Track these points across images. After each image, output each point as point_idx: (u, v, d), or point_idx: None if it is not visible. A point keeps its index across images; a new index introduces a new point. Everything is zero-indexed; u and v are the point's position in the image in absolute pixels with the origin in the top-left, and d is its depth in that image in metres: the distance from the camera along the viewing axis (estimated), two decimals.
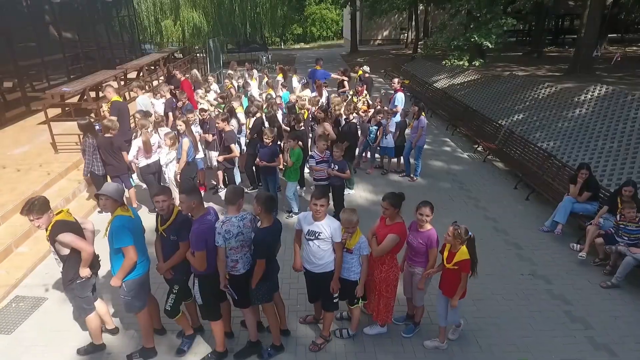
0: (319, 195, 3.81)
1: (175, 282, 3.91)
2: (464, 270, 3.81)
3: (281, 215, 7.00)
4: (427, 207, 3.95)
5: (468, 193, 8.02)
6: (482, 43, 11.38)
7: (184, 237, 3.70)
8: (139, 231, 3.78)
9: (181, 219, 3.76)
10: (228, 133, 6.38)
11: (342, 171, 6.25)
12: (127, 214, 3.65)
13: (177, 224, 3.73)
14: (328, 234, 3.79)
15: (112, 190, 3.60)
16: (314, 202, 3.80)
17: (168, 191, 3.74)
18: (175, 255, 3.77)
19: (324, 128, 7.25)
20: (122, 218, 3.58)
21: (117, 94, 7.51)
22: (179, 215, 3.77)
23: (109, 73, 11.83)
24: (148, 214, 6.98)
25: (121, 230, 3.51)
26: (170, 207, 3.74)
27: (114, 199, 3.59)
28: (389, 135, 8.37)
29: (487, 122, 10.98)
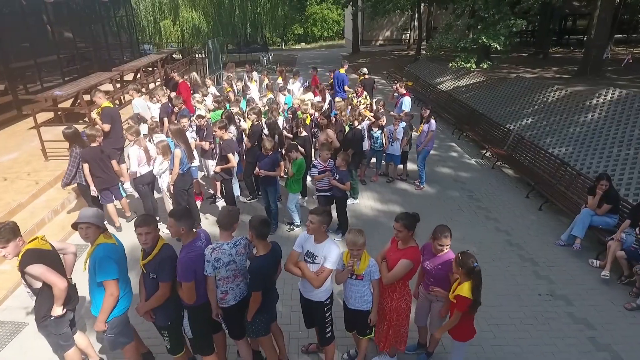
0: (314, 211, 3.46)
1: (160, 327, 3.46)
2: (459, 309, 3.36)
3: (282, 228, 6.63)
4: (447, 237, 3.56)
5: (478, 203, 7.64)
6: (490, 45, 11.00)
7: (164, 277, 3.17)
8: (123, 260, 3.40)
9: (163, 256, 3.19)
10: (225, 142, 6.01)
11: (342, 182, 5.87)
12: (111, 242, 3.27)
13: (157, 261, 3.17)
14: (321, 258, 3.43)
15: (91, 215, 3.22)
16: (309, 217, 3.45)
17: (151, 221, 3.23)
18: (153, 297, 3.25)
19: (327, 135, 6.87)
20: (105, 247, 3.20)
21: (107, 99, 7.10)
22: (162, 250, 3.22)
23: (104, 75, 11.47)
24: None
25: (105, 262, 3.13)
26: (154, 239, 3.23)
27: (96, 225, 3.21)
28: (396, 142, 7.98)
29: (494, 127, 10.60)
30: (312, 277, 3.42)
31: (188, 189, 5.95)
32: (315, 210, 3.45)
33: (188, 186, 5.89)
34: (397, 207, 7.44)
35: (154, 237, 3.20)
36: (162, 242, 3.29)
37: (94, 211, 3.28)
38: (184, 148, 5.63)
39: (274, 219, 6.46)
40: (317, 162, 6.07)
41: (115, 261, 3.18)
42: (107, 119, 6.74)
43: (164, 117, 7.82)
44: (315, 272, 3.44)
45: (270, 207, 6.38)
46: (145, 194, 6.28)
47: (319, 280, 3.39)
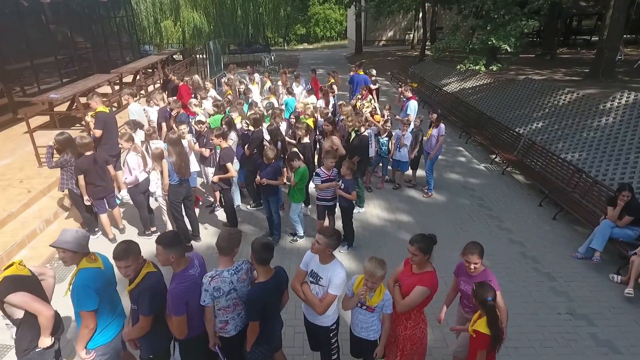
0: (321, 231, 3.19)
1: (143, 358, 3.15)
2: (479, 346, 3.07)
3: (284, 239, 6.32)
4: (476, 255, 3.31)
5: (489, 211, 7.32)
6: (501, 46, 10.65)
7: (143, 309, 2.87)
8: (110, 284, 3.09)
9: (143, 287, 2.88)
10: (224, 150, 5.70)
11: (347, 191, 5.56)
12: (95, 266, 2.97)
13: (137, 292, 2.89)
14: (325, 281, 3.13)
15: (69, 240, 2.91)
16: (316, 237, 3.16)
17: (129, 254, 2.88)
18: (134, 328, 2.99)
19: (332, 142, 6.56)
20: (86, 274, 2.90)
21: (103, 104, 6.80)
22: (144, 280, 2.92)
23: (102, 77, 11.19)
24: (137, 237, 6.32)
25: (83, 291, 2.83)
26: (136, 270, 2.92)
27: (72, 251, 2.91)
28: (404, 148, 7.67)
29: (503, 130, 10.26)
30: (315, 303, 3.13)
31: (184, 200, 5.64)
32: (324, 232, 3.15)
33: (182, 198, 5.58)
34: (405, 216, 7.12)
35: (135, 269, 2.91)
36: (147, 270, 2.97)
37: (73, 235, 2.96)
38: (174, 160, 5.30)
39: (276, 230, 6.16)
40: (321, 171, 5.76)
41: (96, 289, 2.87)
42: (100, 125, 6.44)
43: (162, 121, 7.54)
44: (319, 298, 3.14)
45: (272, 218, 6.08)
46: (141, 203, 5.99)
47: (322, 307, 3.10)
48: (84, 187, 5.58)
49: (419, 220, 6.99)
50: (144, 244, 6.16)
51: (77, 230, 3.05)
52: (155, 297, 2.90)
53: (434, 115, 7.34)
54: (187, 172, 5.47)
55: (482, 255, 3.37)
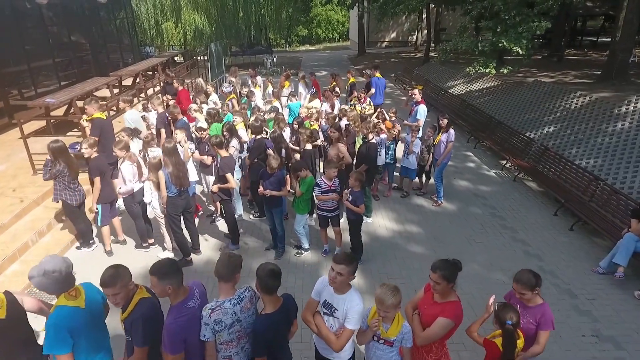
0: (339, 260, 2.81)
1: None
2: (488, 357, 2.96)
3: (289, 252, 6.01)
4: (525, 286, 3.02)
5: (502, 221, 6.99)
6: (512, 48, 10.31)
7: (137, 340, 2.60)
8: (93, 322, 2.74)
9: (135, 316, 2.60)
10: (224, 160, 5.39)
11: (355, 204, 5.25)
12: (73, 304, 2.62)
13: (130, 321, 2.61)
14: (341, 313, 2.82)
15: (34, 275, 2.61)
16: (332, 266, 2.82)
17: (116, 281, 2.57)
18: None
19: (337, 150, 6.25)
20: (61, 312, 2.57)
21: (100, 110, 6.49)
22: (137, 307, 2.63)
23: (101, 80, 10.90)
24: (134, 250, 6.02)
25: (55, 332, 2.49)
26: (126, 297, 2.64)
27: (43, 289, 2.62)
28: (412, 155, 7.35)
29: (513, 135, 9.94)
30: (332, 340, 2.80)
31: (184, 212, 5.34)
32: (341, 259, 2.79)
33: (181, 211, 5.28)
34: (415, 226, 6.80)
35: (124, 296, 2.61)
36: (139, 296, 2.67)
37: (43, 271, 2.62)
38: (171, 171, 5.00)
39: (280, 243, 5.85)
40: (322, 181, 5.43)
41: (71, 330, 2.54)
42: (96, 131, 6.15)
43: (161, 127, 7.24)
44: (335, 333, 2.82)
45: (276, 230, 5.77)
46: (137, 214, 5.69)
47: (339, 345, 2.78)
48: (99, 191, 5.34)
49: (429, 231, 6.67)
50: (142, 257, 5.93)
51: (55, 261, 2.70)
52: (149, 326, 2.60)
53: (444, 120, 7.02)
54: (185, 182, 5.16)
55: (533, 286, 3.03)
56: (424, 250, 6.12)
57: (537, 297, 3.08)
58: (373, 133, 6.67)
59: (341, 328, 2.81)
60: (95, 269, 5.71)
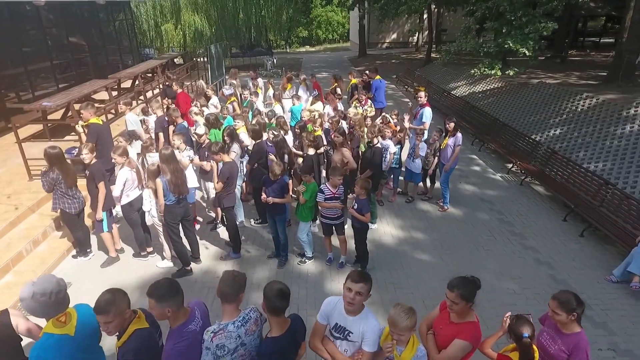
0: (357, 278, 2.60)
1: None
2: None
3: (291, 261, 5.82)
4: (560, 308, 2.76)
5: (511, 227, 6.81)
6: (518, 50, 10.13)
7: None
8: (85, 347, 2.55)
9: (127, 348, 2.37)
10: (225, 166, 5.21)
11: (361, 212, 5.07)
12: (61, 331, 2.43)
13: (122, 353, 2.39)
14: (357, 336, 2.62)
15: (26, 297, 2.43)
16: (349, 286, 2.61)
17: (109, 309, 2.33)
18: None
19: (342, 155, 6.06)
20: (47, 342, 2.38)
21: (97, 115, 6.31)
22: (131, 339, 2.41)
23: (99, 83, 10.73)
24: (132, 259, 5.84)
25: None
26: (119, 325, 2.42)
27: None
28: (418, 159, 7.17)
29: (519, 137, 9.75)
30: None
31: (182, 220, 5.16)
32: (359, 277, 2.57)
33: (179, 219, 5.10)
34: (421, 233, 6.61)
35: (118, 325, 2.40)
36: (136, 326, 2.45)
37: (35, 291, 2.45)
38: (169, 178, 4.83)
39: (283, 251, 5.67)
40: (326, 188, 5.25)
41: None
42: (93, 137, 5.96)
43: (160, 132, 7.06)
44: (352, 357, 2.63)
45: (279, 238, 5.58)
46: (135, 222, 5.50)
47: None
48: (104, 196, 5.19)
49: (436, 237, 6.48)
50: (140, 266, 5.74)
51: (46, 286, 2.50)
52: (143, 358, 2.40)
53: (450, 124, 6.84)
54: (183, 189, 4.98)
55: (570, 309, 2.75)
56: (431, 258, 5.93)
57: (574, 323, 2.80)
58: (378, 137, 6.50)
59: (358, 352, 2.62)
60: (92, 278, 5.58)
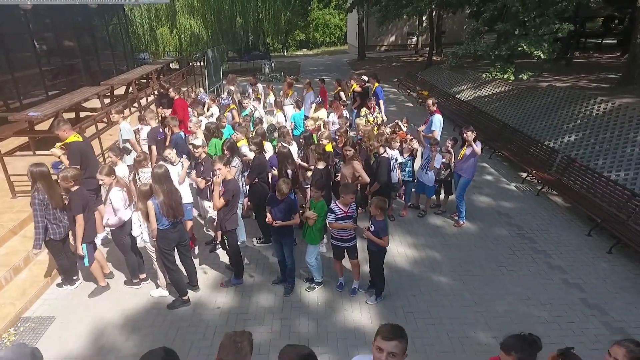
0: (389, 335, 2.08)
1: None
2: None
3: (299, 286, 5.31)
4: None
5: (532, 244, 6.33)
6: (533, 53, 9.67)
7: None
8: None
9: None
10: (230, 183, 4.70)
11: (378, 235, 4.58)
12: None
13: None
14: None
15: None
16: (379, 345, 2.08)
17: None
18: None
19: (353, 169, 5.57)
20: None
21: (74, 132, 5.68)
22: None
23: (90, 90, 10.20)
24: (123, 287, 5.31)
25: None
26: None
27: None
28: (432, 171, 6.69)
29: (532, 144, 9.30)
30: None
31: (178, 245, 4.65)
32: (392, 333, 2.04)
33: (174, 245, 4.59)
34: (437, 252, 6.12)
35: None
36: None
37: None
38: (162, 200, 4.32)
39: (290, 277, 5.15)
40: (336, 207, 4.75)
41: None
42: (76, 158, 5.36)
43: (152, 144, 6.54)
44: None
45: (285, 262, 5.07)
46: (126, 247, 4.98)
47: None
48: (82, 230, 4.62)
49: (453, 257, 5.99)
50: (131, 295, 5.21)
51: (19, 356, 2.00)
52: None
53: (467, 132, 6.38)
54: (178, 212, 4.47)
55: None
56: (451, 282, 5.44)
57: None
58: (384, 146, 6.00)
59: None
60: (78, 311, 5.03)
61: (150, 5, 20.38)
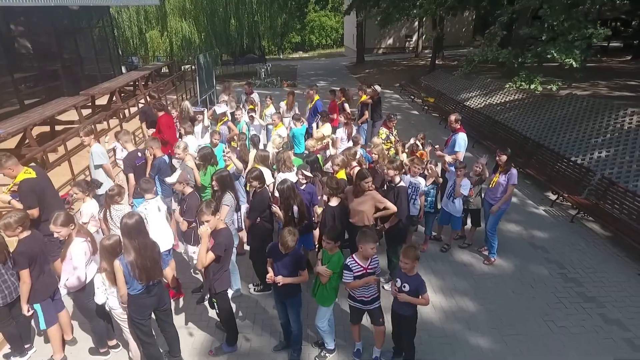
0: None
1: None
2: None
3: (307, 352, 4.30)
4: None
5: (580, 287, 5.37)
6: (564, 61, 8.75)
7: None
8: None
9: None
10: (222, 234, 3.68)
11: (415, 294, 3.62)
12: None
13: None
14: None
15: None
16: None
17: None
18: None
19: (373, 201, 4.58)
20: None
21: (22, 167, 4.49)
22: None
23: (66, 102, 9.14)
24: (87, 357, 4.27)
25: None
26: None
27: None
28: (458, 199, 5.72)
29: (559, 161, 8.38)
30: None
31: (156, 311, 3.65)
32: None
33: (150, 312, 3.59)
34: (469, 300, 5.14)
35: None
36: None
37: None
38: (132, 260, 3.32)
39: (296, 343, 4.14)
40: (353, 261, 3.77)
41: None
42: (30, 199, 4.29)
43: (129, 172, 5.50)
44: None
45: (290, 327, 4.07)
46: (90, 312, 3.93)
47: None
48: (29, 287, 3.65)
49: (490, 308, 5.00)
50: None
51: None
52: None
53: (502, 156, 5.44)
54: (154, 273, 3.47)
55: None
56: (492, 345, 4.46)
57: None
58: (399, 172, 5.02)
59: None
60: None
61: (139, 7, 19.32)
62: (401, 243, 5.26)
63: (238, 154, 6.12)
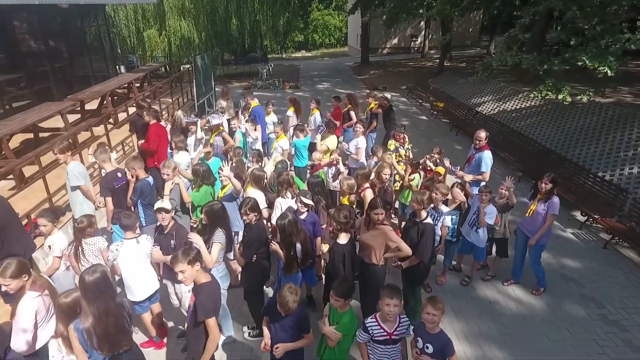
0: None
1: None
2: None
3: None
4: None
5: (624, 334, 4.66)
6: (597, 68, 8.00)
7: None
8: None
9: None
10: (205, 291, 2.96)
11: (442, 355, 2.94)
12: None
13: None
14: None
15: None
16: None
17: None
18: None
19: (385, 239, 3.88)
20: None
21: None
22: None
23: (51, 108, 8.44)
24: None
25: None
26: None
27: None
28: (482, 229, 5.01)
29: (587, 177, 7.67)
30: None
31: None
32: None
33: None
34: (497, 349, 4.44)
35: None
36: None
37: None
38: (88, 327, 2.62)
39: None
40: (375, 324, 3.08)
41: None
42: None
43: (107, 195, 4.80)
44: None
45: None
46: None
47: None
48: None
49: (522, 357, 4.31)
50: None
51: None
52: None
53: (547, 184, 4.75)
54: (119, 343, 2.78)
55: None
56: None
57: None
58: (425, 207, 4.28)
59: None
60: None
61: (136, 5, 18.65)
62: (421, 283, 4.60)
63: (234, 170, 5.45)
